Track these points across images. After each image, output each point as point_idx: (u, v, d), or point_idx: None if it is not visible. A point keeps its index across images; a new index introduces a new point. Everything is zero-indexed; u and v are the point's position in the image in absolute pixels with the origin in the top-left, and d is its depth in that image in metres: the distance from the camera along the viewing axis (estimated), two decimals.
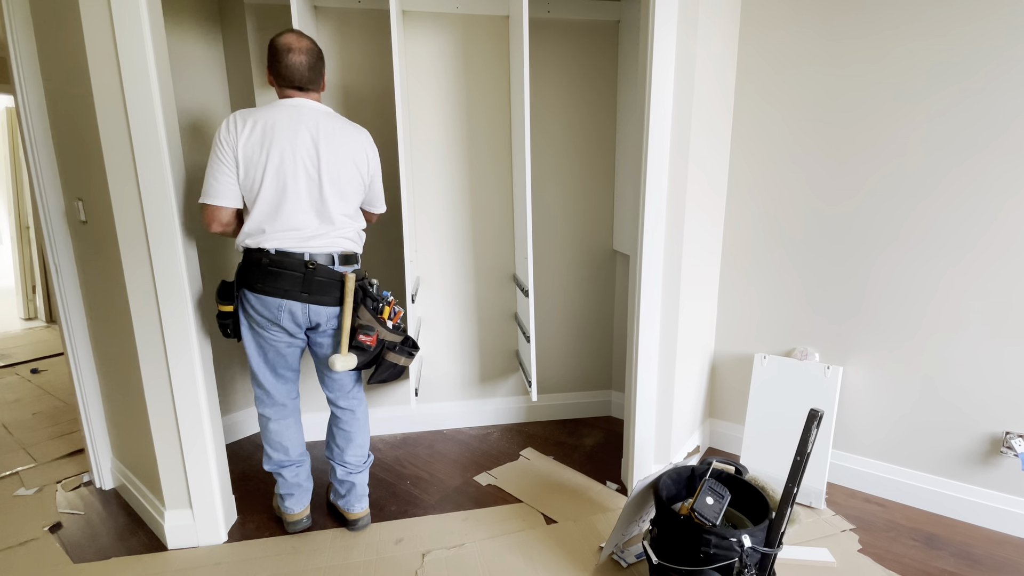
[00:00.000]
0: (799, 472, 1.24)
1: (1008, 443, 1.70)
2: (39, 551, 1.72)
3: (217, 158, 1.45)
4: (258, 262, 1.50)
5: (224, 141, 1.44)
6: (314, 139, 1.48)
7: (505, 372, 2.54)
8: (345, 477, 1.76)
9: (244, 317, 1.58)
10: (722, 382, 2.29)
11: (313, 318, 1.56)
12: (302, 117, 1.49)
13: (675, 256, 1.82)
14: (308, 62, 1.50)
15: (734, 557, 1.25)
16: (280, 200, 1.48)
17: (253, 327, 1.59)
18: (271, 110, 1.48)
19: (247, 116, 1.47)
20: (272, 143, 1.45)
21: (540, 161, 2.36)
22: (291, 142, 1.46)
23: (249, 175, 1.46)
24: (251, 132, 1.44)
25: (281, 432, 1.71)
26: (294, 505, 1.76)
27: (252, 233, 1.50)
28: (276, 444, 1.72)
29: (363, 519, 1.79)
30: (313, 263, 1.52)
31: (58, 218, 1.89)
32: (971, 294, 1.71)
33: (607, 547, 1.59)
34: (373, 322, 1.59)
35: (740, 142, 2.06)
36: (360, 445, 1.78)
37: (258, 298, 1.52)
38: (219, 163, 1.45)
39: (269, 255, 1.50)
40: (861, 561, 1.61)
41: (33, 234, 4.70)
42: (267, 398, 1.69)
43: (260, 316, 1.54)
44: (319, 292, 1.54)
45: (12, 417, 2.79)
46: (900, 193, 1.78)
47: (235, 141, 1.44)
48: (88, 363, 2.01)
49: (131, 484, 1.94)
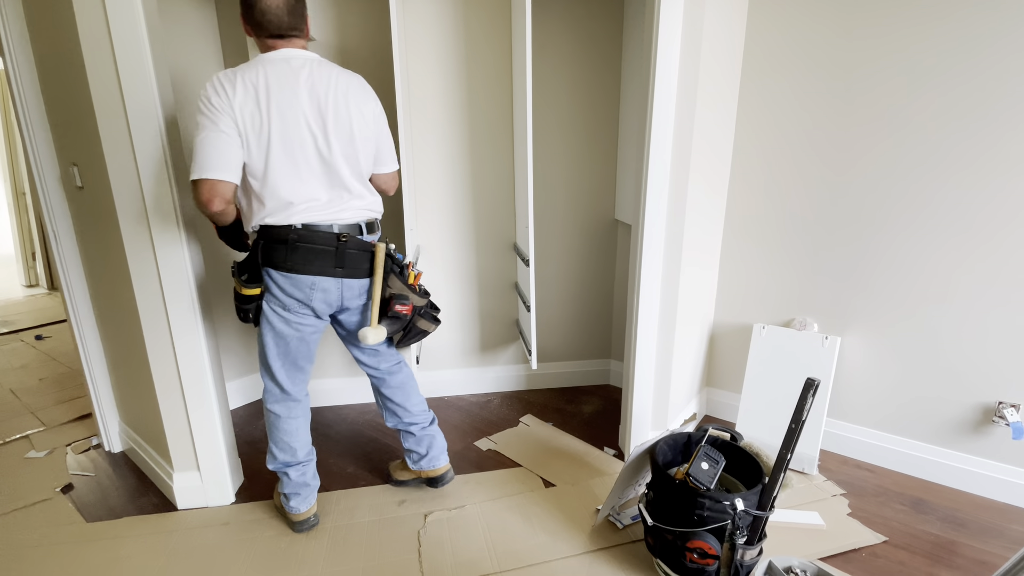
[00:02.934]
0: (793, 439, 1.27)
1: (1000, 412, 1.73)
2: (53, 510, 1.77)
3: (213, 125, 1.27)
4: (284, 239, 1.37)
5: (218, 107, 1.27)
6: (313, 95, 1.34)
7: (505, 341, 2.56)
8: (422, 433, 1.74)
9: (267, 301, 1.46)
10: (720, 352, 2.31)
11: (346, 293, 1.48)
12: (294, 71, 1.33)
13: (677, 225, 1.81)
14: (286, 3, 1.32)
15: (727, 519, 1.29)
16: (292, 169, 1.35)
17: (276, 311, 1.46)
18: (258, 67, 1.31)
19: (233, 77, 1.29)
20: (270, 105, 1.30)
21: (542, 128, 2.32)
22: (290, 101, 1.31)
23: (253, 144, 1.31)
24: (244, 95, 1.28)
25: (291, 432, 1.59)
26: (300, 504, 1.63)
27: (273, 209, 1.36)
28: (284, 444, 1.59)
29: (449, 472, 1.79)
30: (345, 235, 1.42)
31: (54, 184, 1.87)
32: (968, 266, 1.71)
33: (604, 509, 1.64)
34: (405, 290, 1.54)
35: (746, 112, 2.02)
36: (420, 396, 1.77)
37: (287, 277, 1.40)
38: (216, 131, 1.26)
39: (296, 230, 1.38)
40: (850, 524, 1.66)
41: (30, 200, 4.66)
42: (280, 393, 1.57)
43: (289, 297, 1.43)
44: (352, 265, 1.45)
45: (19, 382, 2.83)
46: (901, 167, 1.75)
47: (229, 106, 1.27)
48: (91, 329, 2.03)
49: (139, 447, 1.99)
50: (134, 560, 1.54)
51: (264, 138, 1.31)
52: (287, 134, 1.33)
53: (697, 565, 1.32)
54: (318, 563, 1.52)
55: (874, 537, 1.60)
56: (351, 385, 2.49)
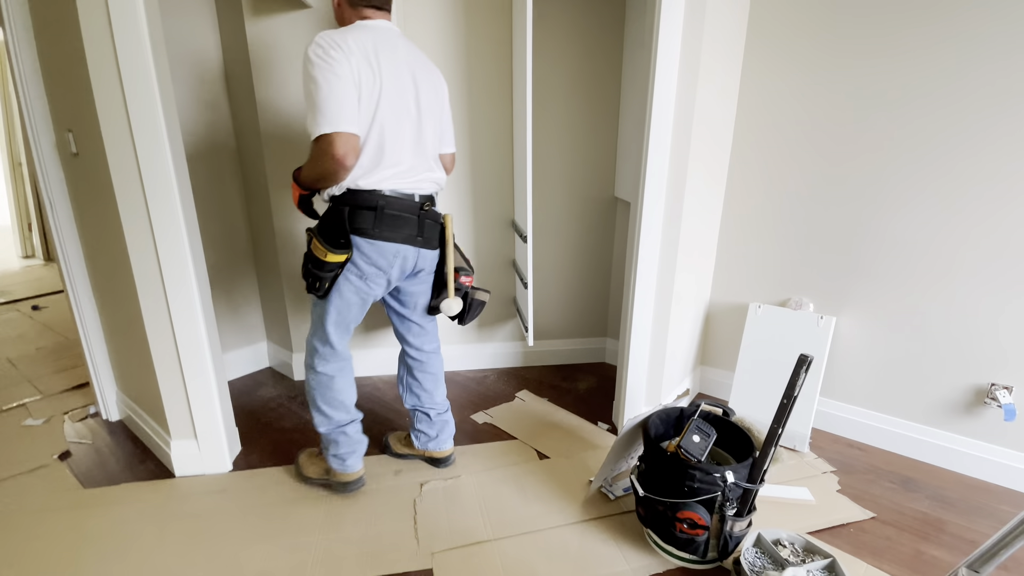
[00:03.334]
0: (785, 413, 1.27)
1: (992, 394, 1.74)
2: (51, 476, 1.79)
3: (336, 78, 1.22)
4: (372, 205, 1.36)
5: (338, 59, 1.22)
6: (409, 66, 1.36)
7: (502, 318, 2.56)
8: (438, 418, 1.77)
9: (345, 268, 1.43)
10: (715, 330, 2.31)
11: (419, 264, 1.49)
12: (392, 40, 1.35)
13: (676, 204, 1.80)
14: None
15: (717, 491, 1.30)
16: (392, 135, 1.35)
17: (352, 279, 1.43)
18: (360, 31, 1.30)
19: (343, 37, 1.26)
20: (380, 68, 1.30)
21: (543, 101, 2.28)
22: (395, 68, 1.33)
23: (364, 104, 1.29)
24: (359, 54, 1.26)
25: (343, 389, 1.59)
26: (356, 462, 1.65)
27: (367, 171, 1.35)
28: (337, 403, 1.59)
29: (453, 454, 1.84)
30: (425, 205, 1.44)
31: (49, 151, 1.85)
32: (965, 248, 1.70)
33: (596, 481, 1.66)
34: (463, 262, 1.56)
35: (748, 89, 1.99)
36: (444, 384, 1.81)
37: (372, 244, 1.39)
38: (340, 83, 1.22)
39: (384, 196, 1.37)
40: (839, 500, 1.68)
41: (26, 171, 4.62)
42: (332, 355, 1.56)
43: (370, 266, 1.42)
44: (429, 235, 1.47)
45: (16, 351, 2.84)
46: (899, 149, 1.73)
47: (347, 60, 1.24)
48: (88, 300, 2.02)
49: (137, 416, 2.00)
50: (132, 525, 1.56)
51: (373, 99, 1.31)
52: (392, 99, 1.34)
53: (687, 535, 1.34)
54: (315, 530, 1.54)
55: (862, 513, 1.63)
56: None
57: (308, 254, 1.42)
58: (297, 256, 2.31)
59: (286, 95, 2.11)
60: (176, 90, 2.02)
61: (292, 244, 2.29)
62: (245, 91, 2.13)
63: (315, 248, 1.39)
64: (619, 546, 1.48)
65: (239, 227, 2.40)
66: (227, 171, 2.31)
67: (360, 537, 1.51)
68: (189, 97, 2.11)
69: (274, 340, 2.57)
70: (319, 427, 1.62)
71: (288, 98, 2.11)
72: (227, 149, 2.29)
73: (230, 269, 2.41)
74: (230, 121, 2.27)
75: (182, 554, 1.45)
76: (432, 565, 1.41)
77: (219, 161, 2.27)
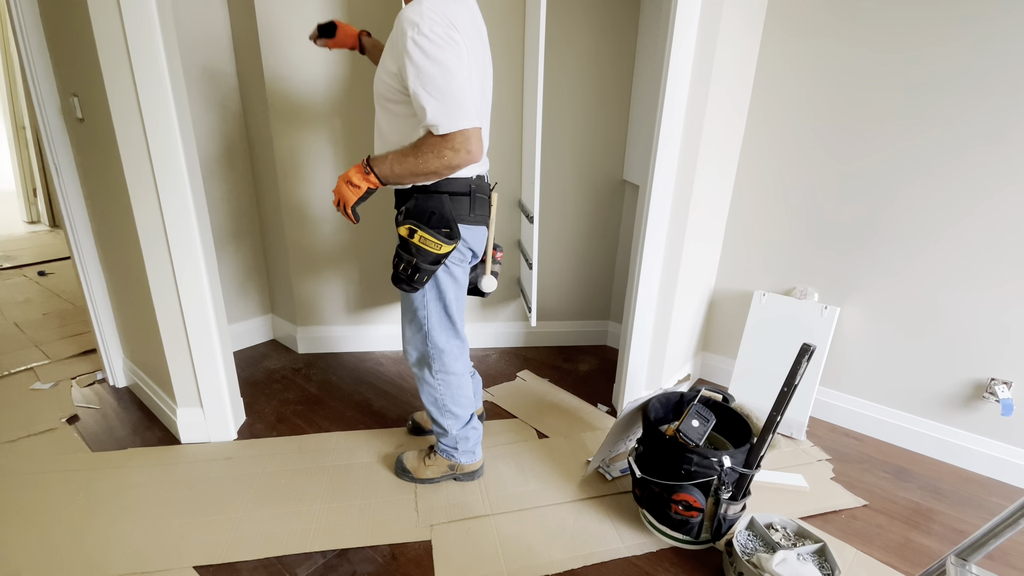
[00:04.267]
0: (785, 401, 1.29)
1: (992, 389, 1.75)
2: (59, 439, 1.82)
3: (461, 61, 1.12)
4: (466, 191, 1.33)
5: (459, 43, 1.12)
6: (485, 44, 1.30)
7: (506, 298, 2.57)
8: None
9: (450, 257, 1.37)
10: (719, 317, 2.32)
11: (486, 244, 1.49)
12: (478, 16, 1.26)
13: (685, 188, 1.78)
14: None
15: (713, 475, 1.32)
16: (487, 118, 1.34)
17: (458, 266, 1.40)
18: (459, 8, 1.17)
19: (454, 14, 1.13)
20: (480, 47, 1.25)
21: (553, 81, 2.25)
22: (484, 48, 1.28)
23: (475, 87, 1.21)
24: (467, 34, 1.16)
25: (467, 384, 1.56)
26: (480, 449, 1.66)
27: None
28: (466, 399, 1.56)
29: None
30: (493, 185, 1.42)
31: (54, 116, 1.84)
32: (973, 243, 1.69)
33: (594, 461, 1.69)
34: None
35: (764, 76, 1.95)
36: None
37: (470, 229, 1.37)
38: (465, 68, 1.13)
39: (475, 181, 1.34)
40: (832, 487, 1.71)
41: (30, 135, 4.59)
42: (460, 348, 1.51)
43: (468, 250, 1.40)
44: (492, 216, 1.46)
45: (23, 316, 2.87)
46: (913, 144, 1.71)
47: (464, 43, 1.14)
48: (95, 267, 2.03)
49: (143, 383, 2.03)
50: (139, 489, 1.59)
51: (478, 82, 1.24)
52: (485, 80, 1.30)
53: (682, 517, 1.36)
54: (318, 498, 1.57)
55: (854, 501, 1.65)
56: (349, 333, 2.52)
57: (417, 250, 1.30)
58: (304, 229, 2.31)
59: (294, 63, 2.08)
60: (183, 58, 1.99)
61: (298, 218, 2.28)
62: (253, 59, 2.10)
63: (426, 242, 1.29)
64: (614, 525, 1.52)
65: (246, 200, 2.39)
66: (235, 142, 2.29)
67: (360, 507, 1.54)
68: (196, 66, 2.08)
69: (279, 313, 2.59)
70: (451, 430, 1.56)
71: (295, 66, 2.08)
72: (235, 118, 2.27)
73: (236, 241, 2.41)
74: (237, 90, 2.24)
75: (188, 517, 1.49)
76: (431, 537, 1.45)
77: (226, 132, 2.25)
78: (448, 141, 1.15)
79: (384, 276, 2.43)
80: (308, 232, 2.31)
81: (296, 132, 2.17)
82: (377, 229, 2.34)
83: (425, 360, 1.50)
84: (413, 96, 1.14)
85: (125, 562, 1.34)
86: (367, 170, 1.24)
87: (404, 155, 1.21)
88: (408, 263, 1.31)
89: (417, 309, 1.43)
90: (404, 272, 1.32)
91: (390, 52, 1.20)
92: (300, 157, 2.20)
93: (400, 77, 1.17)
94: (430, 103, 1.12)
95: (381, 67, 1.26)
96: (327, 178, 2.25)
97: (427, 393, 1.54)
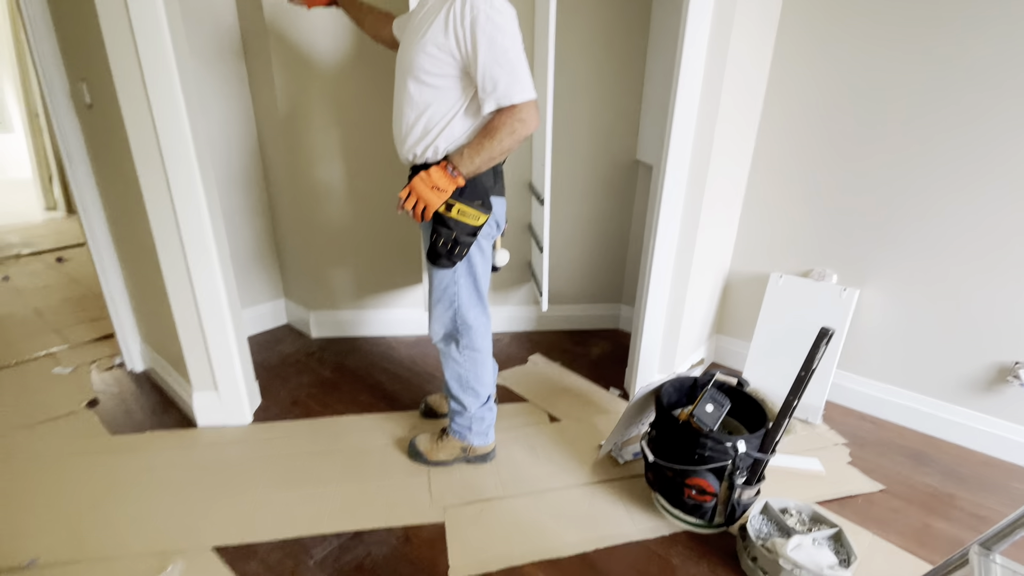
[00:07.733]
0: (802, 386, 1.26)
1: (1016, 372, 1.70)
2: (79, 423, 1.86)
3: (518, 37, 1.20)
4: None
5: (514, 17, 1.20)
6: None
7: (517, 282, 2.55)
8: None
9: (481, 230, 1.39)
10: (734, 299, 2.28)
11: None
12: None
13: (701, 168, 1.74)
14: None
15: (727, 460, 1.31)
16: None
17: (481, 242, 1.40)
18: None
19: None
20: None
21: (564, 57, 2.19)
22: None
23: None
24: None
25: (489, 361, 1.58)
26: (493, 431, 1.67)
27: None
28: (487, 377, 1.58)
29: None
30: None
31: (64, 102, 1.84)
32: (1000, 226, 1.63)
33: (606, 445, 1.68)
34: None
35: (783, 51, 1.88)
36: None
37: (497, 200, 1.38)
38: (520, 43, 1.20)
39: None
40: (849, 472, 1.69)
41: (44, 122, 4.62)
42: (486, 327, 1.51)
43: (496, 222, 1.41)
44: None
45: (42, 302, 2.91)
46: (940, 125, 1.64)
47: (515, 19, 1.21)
48: (110, 253, 2.05)
49: (160, 367, 2.05)
50: (158, 471, 1.62)
51: None
52: None
53: (695, 501, 1.36)
54: (332, 480, 1.59)
55: (871, 485, 1.63)
56: (362, 317, 2.53)
57: (456, 224, 1.31)
58: (316, 214, 2.30)
59: (301, 42, 2.05)
60: (189, 41, 1.97)
61: (311, 203, 2.27)
62: (259, 41, 2.07)
63: (464, 215, 1.30)
64: (627, 508, 1.51)
65: (257, 185, 2.39)
66: (243, 125, 2.28)
67: (375, 489, 1.56)
68: (204, 48, 2.06)
69: (292, 298, 2.60)
70: (469, 408, 1.57)
71: (303, 44, 2.05)
72: (243, 101, 2.25)
73: (249, 226, 2.41)
74: (245, 72, 2.22)
75: (206, 499, 1.51)
76: (444, 519, 1.46)
77: (235, 114, 2.24)
78: (517, 112, 1.20)
79: (397, 260, 2.42)
80: (320, 214, 2.30)
81: (304, 105, 2.14)
82: (388, 213, 2.33)
83: (453, 336, 1.51)
84: (482, 70, 1.17)
85: (145, 542, 1.37)
86: (452, 172, 1.26)
87: (479, 144, 1.24)
88: (447, 238, 1.32)
89: (448, 287, 1.43)
90: (444, 247, 1.33)
91: (442, 26, 1.17)
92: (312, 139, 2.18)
93: (449, 49, 1.18)
94: (502, 77, 1.17)
95: (426, 39, 1.21)
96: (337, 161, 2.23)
97: (451, 369, 1.55)
